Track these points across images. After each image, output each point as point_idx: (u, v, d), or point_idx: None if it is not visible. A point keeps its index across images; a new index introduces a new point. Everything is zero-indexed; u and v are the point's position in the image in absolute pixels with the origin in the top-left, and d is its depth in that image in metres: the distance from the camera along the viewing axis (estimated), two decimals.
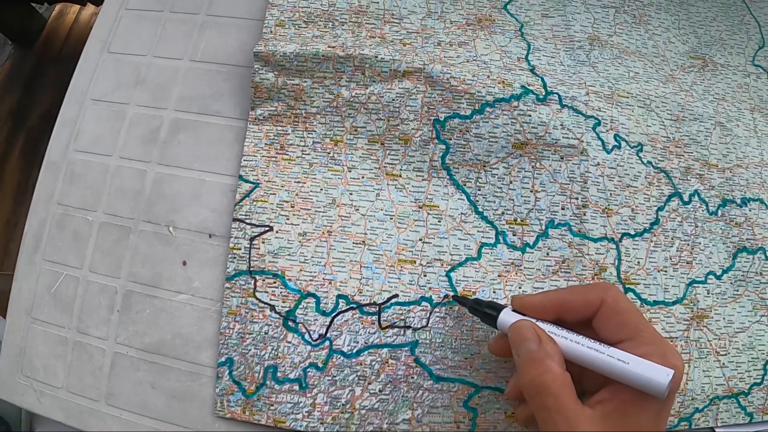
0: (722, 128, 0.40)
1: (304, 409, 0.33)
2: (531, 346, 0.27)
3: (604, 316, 0.28)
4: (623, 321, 0.27)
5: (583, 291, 0.29)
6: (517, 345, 0.28)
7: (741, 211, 0.39)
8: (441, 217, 0.35)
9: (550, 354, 0.27)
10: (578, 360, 0.27)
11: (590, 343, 0.27)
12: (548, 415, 0.25)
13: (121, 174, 0.38)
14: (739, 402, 0.36)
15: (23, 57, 0.79)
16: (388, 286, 0.34)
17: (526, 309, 0.29)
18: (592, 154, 0.36)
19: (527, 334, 0.27)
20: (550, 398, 0.25)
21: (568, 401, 0.25)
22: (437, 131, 0.35)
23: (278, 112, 0.36)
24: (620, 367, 0.25)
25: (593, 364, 0.26)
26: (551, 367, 0.26)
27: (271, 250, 0.34)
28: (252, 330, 0.33)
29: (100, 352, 0.36)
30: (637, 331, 0.27)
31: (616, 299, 0.28)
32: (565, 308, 0.28)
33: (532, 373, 0.26)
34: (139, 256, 0.36)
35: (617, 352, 0.26)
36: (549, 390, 0.26)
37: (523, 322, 0.28)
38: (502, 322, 0.29)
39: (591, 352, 0.26)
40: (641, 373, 0.25)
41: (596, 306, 0.28)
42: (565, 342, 0.27)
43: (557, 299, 0.29)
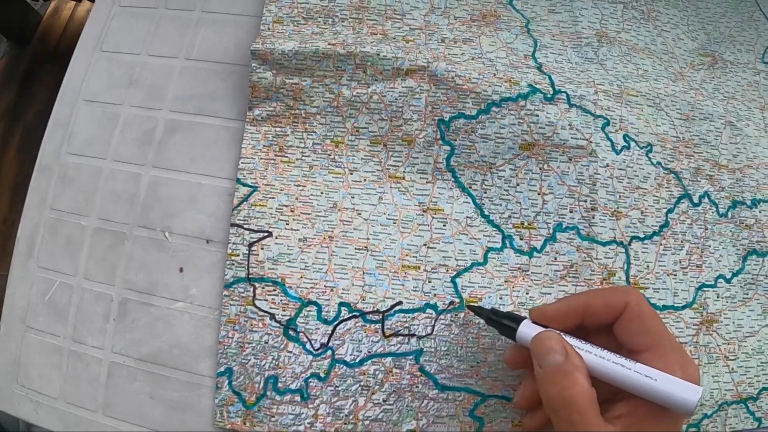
0: (732, 128, 0.38)
1: (306, 421, 0.31)
2: (557, 358, 0.26)
3: (626, 320, 0.26)
4: (646, 327, 0.26)
5: (605, 294, 0.28)
6: (542, 356, 0.26)
7: (751, 213, 0.37)
8: (446, 221, 0.33)
9: (578, 367, 0.25)
10: (603, 375, 0.26)
11: (616, 359, 0.25)
12: (572, 430, 0.24)
13: (114, 177, 0.36)
14: (747, 407, 0.35)
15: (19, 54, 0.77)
16: (392, 293, 0.32)
17: (547, 320, 0.28)
18: (601, 155, 0.34)
19: (554, 345, 0.26)
20: (576, 414, 0.24)
21: (594, 418, 0.24)
22: (442, 132, 0.33)
23: (277, 113, 0.34)
24: (648, 384, 0.24)
25: (619, 380, 0.25)
26: (580, 381, 0.25)
27: (270, 257, 0.32)
28: (252, 339, 0.32)
29: (97, 361, 0.35)
30: (659, 339, 0.26)
31: (639, 303, 0.27)
32: (587, 313, 0.27)
33: (559, 387, 0.25)
34: (134, 263, 0.35)
35: (644, 368, 0.25)
36: (576, 405, 0.24)
37: (549, 333, 0.27)
38: (522, 334, 0.28)
39: (617, 368, 0.25)
40: (670, 390, 0.24)
41: (619, 310, 0.27)
42: (591, 357, 0.26)
43: (579, 304, 0.27)
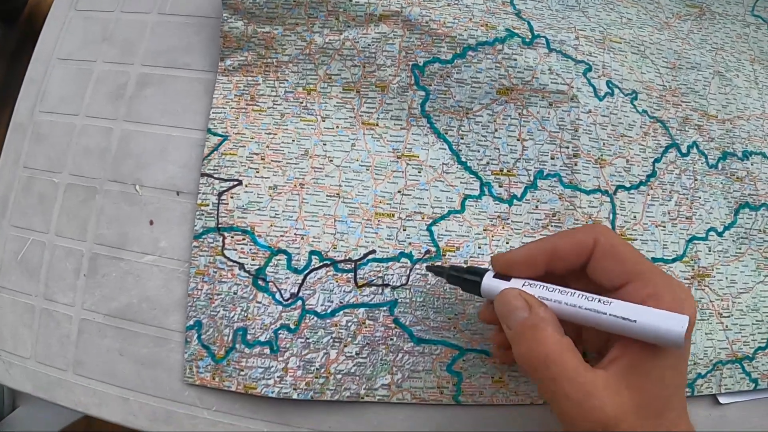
0: (721, 78, 0.36)
1: (276, 374, 0.29)
2: (521, 314, 0.23)
3: (599, 257, 0.24)
4: (622, 259, 0.23)
5: (571, 234, 0.25)
6: (506, 317, 0.24)
7: (742, 165, 0.35)
8: (421, 168, 0.31)
9: (544, 318, 0.23)
10: (578, 322, 0.23)
11: (588, 304, 0.23)
12: (557, 386, 0.21)
13: (86, 133, 0.34)
14: (743, 367, 0.32)
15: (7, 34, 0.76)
16: (365, 242, 0.30)
17: (511, 268, 0.25)
18: (583, 101, 0.32)
19: (515, 302, 0.23)
20: (554, 367, 0.21)
21: (576, 366, 0.21)
22: (416, 77, 0.32)
23: (248, 62, 0.32)
24: (627, 326, 0.21)
25: (595, 324, 0.22)
26: (548, 332, 0.22)
27: (240, 205, 0.31)
28: (220, 290, 0.30)
29: (67, 319, 0.33)
30: (639, 269, 0.23)
31: (609, 236, 0.24)
32: (555, 256, 0.24)
33: (528, 344, 0.22)
34: (104, 217, 0.33)
35: (620, 307, 0.22)
36: (550, 358, 0.22)
37: (507, 292, 0.24)
38: (486, 288, 0.25)
39: (591, 315, 0.22)
40: (653, 326, 0.21)
41: (589, 249, 0.24)
42: (561, 306, 0.23)
43: (545, 248, 0.25)
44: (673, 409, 0.22)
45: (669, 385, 0.22)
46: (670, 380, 0.22)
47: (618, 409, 0.21)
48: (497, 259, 0.25)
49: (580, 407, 0.21)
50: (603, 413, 0.21)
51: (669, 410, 0.22)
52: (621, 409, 0.21)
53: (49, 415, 0.45)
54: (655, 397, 0.21)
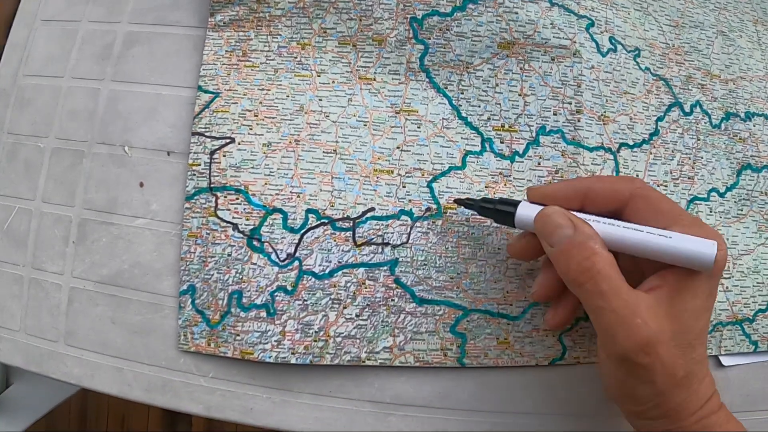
0: (724, 38, 0.34)
1: (273, 338, 0.27)
2: (567, 231, 0.22)
3: (635, 207, 0.23)
4: (658, 209, 0.23)
5: (610, 181, 0.25)
6: (549, 235, 0.23)
7: (745, 126, 0.33)
8: (420, 123, 0.29)
9: (591, 235, 0.22)
10: (616, 244, 0.23)
11: (625, 224, 0.23)
12: (605, 301, 0.21)
13: (73, 95, 0.32)
14: (743, 329, 0.31)
15: None
16: (363, 199, 0.28)
17: (547, 199, 0.25)
18: (586, 56, 0.30)
19: (559, 220, 0.23)
20: (603, 282, 0.21)
21: (623, 283, 0.22)
22: (414, 30, 0.29)
23: (240, 17, 0.30)
24: (663, 244, 0.22)
25: (633, 245, 0.22)
26: (596, 248, 0.22)
27: (233, 164, 0.28)
28: (214, 252, 0.28)
29: (57, 288, 0.31)
30: (675, 217, 0.23)
31: (645, 189, 0.24)
32: (589, 197, 0.24)
33: (577, 259, 0.22)
34: (93, 181, 0.31)
35: (657, 229, 0.22)
36: (601, 273, 0.21)
37: (551, 209, 0.24)
38: (521, 217, 0.25)
39: (630, 233, 0.22)
40: (686, 246, 0.21)
41: (624, 197, 0.24)
42: (600, 225, 0.23)
43: (582, 187, 0.24)
44: (702, 345, 0.22)
45: (701, 318, 0.22)
46: (702, 314, 0.22)
47: (659, 330, 0.21)
48: (533, 191, 0.25)
49: (624, 323, 0.21)
50: (646, 330, 0.21)
51: (699, 345, 0.22)
52: (661, 331, 0.21)
53: (44, 391, 0.43)
54: (690, 328, 0.22)
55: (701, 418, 0.22)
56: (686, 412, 0.22)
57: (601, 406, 0.29)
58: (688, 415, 0.22)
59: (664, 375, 0.21)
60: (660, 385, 0.21)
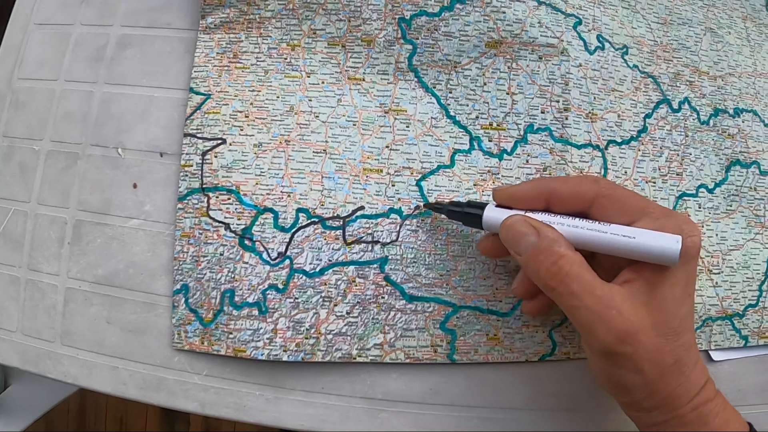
0: (713, 34, 0.34)
1: (265, 336, 0.27)
2: (531, 239, 0.22)
3: (601, 206, 0.23)
4: (624, 206, 0.23)
5: (573, 181, 0.24)
6: (515, 244, 0.23)
7: (734, 122, 0.33)
8: (409, 122, 0.29)
9: (555, 239, 0.22)
10: (582, 244, 0.23)
11: (590, 225, 0.22)
12: (578, 300, 0.21)
13: (67, 98, 0.32)
14: (733, 324, 0.30)
15: None
16: (353, 198, 0.28)
17: (513, 201, 0.25)
18: (573, 55, 0.30)
19: (522, 228, 0.23)
20: (573, 283, 0.21)
21: (593, 280, 0.21)
22: (403, 30, 0.29)
23: (230, 19, 0.30)
24: (626, 243, 0.22)
25: (597, 246, 0.22)
26: (561, 251, 0.22)
27: (224, 164, 0.28)
28: (207, 252, 0.28)
29: (53, 288, 0.31)
30: (642, 211, 0.22)
31: (610, 187, 0.24)
32: (554, 198, 0.24)
33: (545, 265, 0.22)
34: (87, 183, 0.31)
35: (620, 228, 0.22)
36: (569, 275, 0.21)
37: (513, 219, 0.23)
38: (488, 219, 0.24)
39: (593, 234, 0.22)
40: (650, 244, 0.21)
41: (588, 198, 0.23)
42: (563, 228, 0.23)
43: (546, 188, 0.24)
44: (688, 331, 0.22)
45: (683, 305, 0.22)
46: (683, 301, 0.22)
47: (637, 318, 0.21)
48: (499, 192, 0.25)
49: (601, 317, 0.21)
50: (623, 320, 0.21)
51: (685, 331, 0.22)
52: (639, 320, 0.21)
53: (42, 391, 0.42)
54: (672, 316, 0.21)
55: (697, 406, 0.22)
56: (681, 400, 0.22)
57: (592, 401, 0.29)
58: (684, 403, 0.22)
59: (651, 362, 0.21)
60: (649, 373, 0.21)
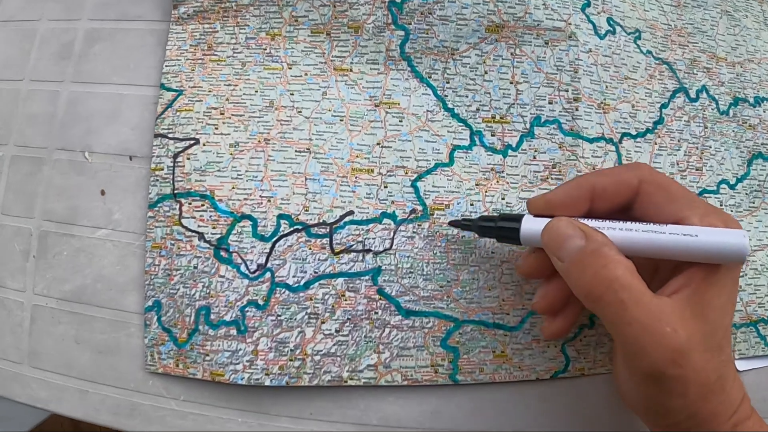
0: (730, 18, 0.31)
1: (245, 358, 0.24)
2: (577, 242, 0.20)
3: (647, 195, 0.21)
4: (672, 195, 0.21)
5: (614, 172, 0.22)
6: (559, 248, 0.20)
7: (754, 112, 0.30)
8: (402, 117, 0.26)
9: (605, 243, 0.20)
10: (636, 251, 0.20)
11: (644, 227, 0.20)
12: (627, 311, 0.19)
13: (32, 99, 0.29)
14: (758, 331, 0.27)
15: None
16: (341, 202, 0.25)
17: (551, 207, 0.22)
18: (582, 39, 0.27)
19: (568, 231, 0.20)
20: (623, 291, 0.19)
21: (644, 291, 0.19)
22: (393, 15, 0.26)
23: (204, 8, 0.27)
24: (690, 243, 0.19)
25: (655, 249, 0.20)
26: (612, 255, 0.19)
27: (197, 167, 0.25)
28: (179, 265, 0.24)
29: (19, 306, 0.27)
30: (691, 204, 0.20)
31: (654, 174, 0.21)
32: (597, 195, 0.21)
33: (593, 269, 0.19)
34: (53, 190, 0.28)
35: (678, 228, 0.20)
36: (620, 281, 0.19)
37: (557, 220, 0.21)
38: (527, 232, 0.22)
39: (650, 236, 0.20)
40: (717, 242, 0.19)
41: (633, 187, 0.21)
42: (615, 233, 0.20)
43: (586, 186, 0.21)
44: (728, 344, 0.20)
45: (727, 314, 0.20)
46: (729, 309, 0.20)
47: (689, 336, 0.19)
48: (534, 202, 0.22)
49: (651, 333, 0.19)
50: (676, 338, 0.18)
51: (727, 344, 0.20)
52: (692, 337, 0.19)
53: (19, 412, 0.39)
54: (717, 327, 0.20)
55: (737, 424, 0.20)
56: (720, 419, 0.20)
57: (610, 422, 0.25)
58: (723, 422, 0.20)
59: (697, 384, 0.19)
60: (693, 395, 0.19)
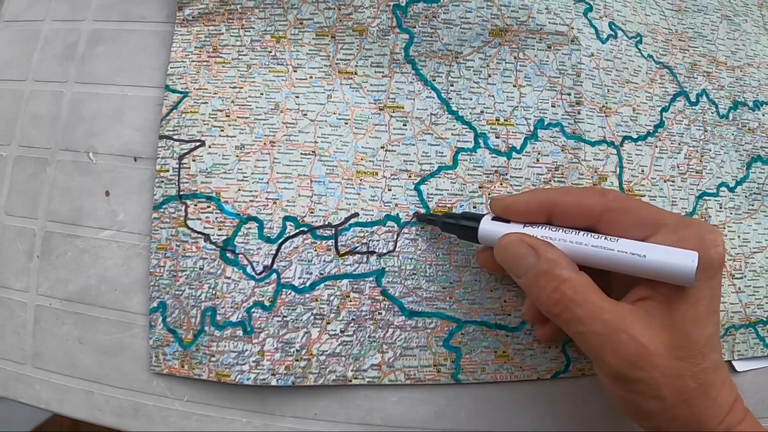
0: (729, 22, 0.31)
1: (251, 359, 0.23)
2: (529, 260, 0.20)
3: (610, 221, 0.20)
4: (638, 220, 0.20)
5: (578, 193, 0.21)
6: (513, 266, 0.20)
7: (754, 115, 0.30)
8: (407, 120, 0.25)
9: (556, 261, 0.19)
10: (585, 263, 0.20)
11: (595, 241, 0.20)
12: (585, 327, 0.19)
13: (35, 99, 0.29)
14: (757, 332, 0.27)
15: None
16: (346, 204, 0.24)
17: (510, 213, 0.22)
18: (585, 43, 0.26)
19: (519, 250, 0.20)
20: (578, 309, 0.19)
21: (600, 302, 0.19)
22: (398, 18, 0.26)
23: (209, 10, 0.26)
24: (636, 262, 0.19)
25: (604, 264, 0.20)
26: (563, 275, 0.19)
27: (203, 169, 0.25)
28: (185, 266, 0.24)
29: (22, 306, 0.27)
30: (659, 224, 0.20)
31: (619, 200, 0.20)
32: (557, 211, 0.21)
33: (546, 291, 0.19)
34: (57, 191, 0.27)
35: (629, 244, 0.19)
36: (574, 301, 0.19)
37: (509, 238, 0.20)
38: (484, 233, 0.21)
39: (599, 252, 0.19)
40: (662, 262, 0.18)
41: (595, 213, 0.20)
42: (565, 245, 0.20)
43: (548, 200, 0.21)
44: (715, 351, 0.20)
45: (706, 326, 0.19)
46: (707, 320, 0.19)
47: (650, 342, 0.18)
48: (496, 202, 0.22)
49: (611, 342, 0.19)
50: (634, 344, 0.18)
51: (712, 351, 0.19)
52: (654, 344, 0.18)
53: (20, 412, 0.39)
54: (695, 338, 0.19)
55: (727, 429, 0.19)
56: (709, 424, 0.19)
57: (610, 422, 0.25)
58: (713, 426, 0.19)
59: (671, 387, 0.19)
60: (670, 398, 0.19)
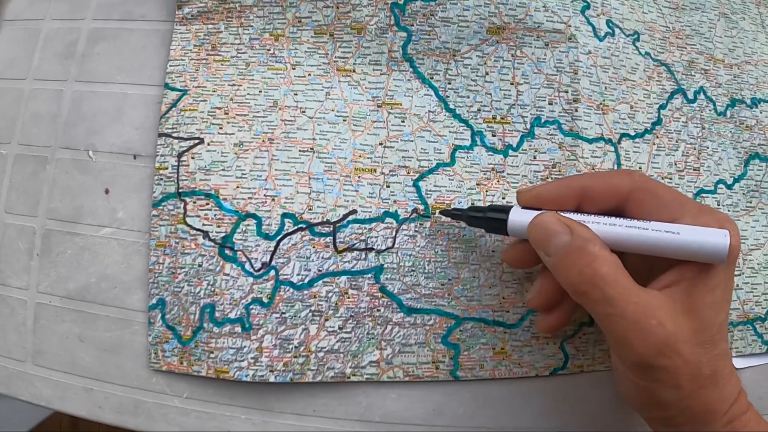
0: (727, 20, 0.31)
1: (250, 355, 0.23)
2: (563, 238, 0.19)
3: (637, 201, 0.21)
4: (662, 201, 0.20)
5: (606, 177, 0.22)
6: (545, 243, 0.20)
7: (751, 113, 0.30)
8: (405, 117, 0.25)
9: (590, 239, 0.19)
10: (620, 244, 0.20)
11: (628, 222, 0.20)
12: (613, 307, 0.19)
13: (35, 98, 0.28)
14: (755, 329, 0.27)
15: None
16: (344, 201, 0.24)
17: (540, 201, 0.21)
18: (582, 41, 0.26)
19: (554, 226, 0.20)
20: (609, 287, 0.19)
21: (631, 285, 0.19)
22: (396, 17, 0.26)
23: (209, 9, 0.26)
24: (671, 240, 0.19)
25: (637, 245, 0.20)
26: (597, 252, 0.19)
27: (202, 166, 0.25)
28: (184, 263, 0.24)
29: (22, 304, 0.27)
30: (681, 207, 0.20)
31: (646, 181, 0.21)
32: (586, 196, 0.21)
33: (578, 267, 0.19)
34: (57, 189, 0.27)
35: (662, 224, 0.19)
36: (605, 278, 0.19)
37: (543, 216, 0.20)
38: (514, 224, 0.21)
39: (632, 232, 0.19)
40: (696, 240, 0.19)
41: (623, 193, 0.21)
42: (599, 227, 0.20)
43: (576, 186, 0.21)
44: (724, 339, 0.20)
45: (721, 312, 0.20)
46: (722, 307, 0.20)
47: (677, 329, 0.19)
48: (524, 193, 0.22)
49: (638, 327, 0.18)
50: (663, 331, 0.18)
51: (722, 339, 0.20)
52: (680, 330, 0.19)
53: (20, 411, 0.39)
54: (710, 323, 0.19)
55: (731, 420, 0.19)
56: (716, 414, 0.19)
57: (609, 418, 0.25)
58: (718, 418, 0.19)
59: (689, 376, 0.19)
60: (686, 387, 0.19)
